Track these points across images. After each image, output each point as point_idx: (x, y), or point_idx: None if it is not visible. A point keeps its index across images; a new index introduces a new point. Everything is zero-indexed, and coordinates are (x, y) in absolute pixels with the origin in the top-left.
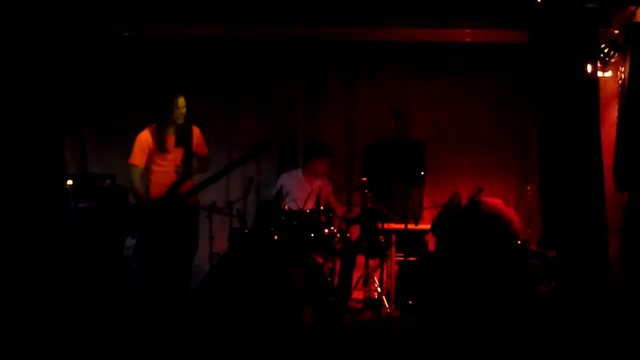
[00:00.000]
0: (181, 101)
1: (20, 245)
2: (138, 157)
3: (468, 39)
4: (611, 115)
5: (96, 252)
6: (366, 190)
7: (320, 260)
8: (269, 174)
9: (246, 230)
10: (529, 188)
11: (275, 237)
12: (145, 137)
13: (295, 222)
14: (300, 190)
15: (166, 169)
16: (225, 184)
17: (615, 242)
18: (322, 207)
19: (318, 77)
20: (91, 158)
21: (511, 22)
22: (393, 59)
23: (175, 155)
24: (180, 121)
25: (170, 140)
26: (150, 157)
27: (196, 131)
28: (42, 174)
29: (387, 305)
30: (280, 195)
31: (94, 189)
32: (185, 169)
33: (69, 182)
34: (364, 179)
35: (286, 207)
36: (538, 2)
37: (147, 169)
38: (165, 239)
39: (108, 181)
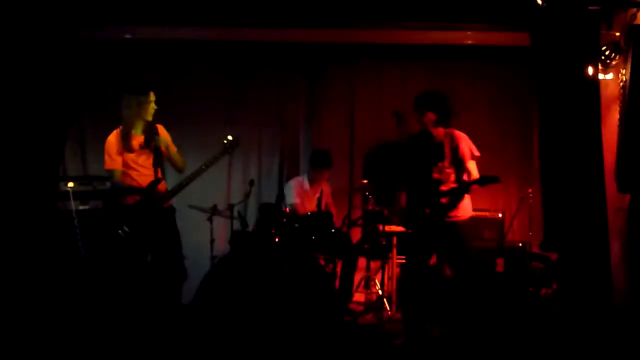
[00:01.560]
0: (146, 97)
1: (21, 248)
2: (112, 160)
3: (469, 42)
4: (612, 118)
5: (97, 254)
6: (367, 193)
7: (321, 262)
8: (270, 176)
9: (247, 233)
10: (530, 190)
11: (277, 239)
12: (113, 140)
13: (296, 224)
14: (308, 202)
15: (139, 172)
16: (226, 187)
17: (617, 245)
18: (323, 210)
19: (319, 79)
20: (91, 160)
21: (512, 24)
22: (394, 61)
23: (146, 157)
24: (149, 118)
25: (137, 140)
26: (123, 161)
27: (161, 129)
28: (43, 176)
29: (388, 308)
30: (282, 198)
31: (94, 191)
32: (157, 169)
33: (70, 184)
34: (365, 181)
35: (287, 209)
36: (539, 4)
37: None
38: (145, 242)
39: (109, 183)
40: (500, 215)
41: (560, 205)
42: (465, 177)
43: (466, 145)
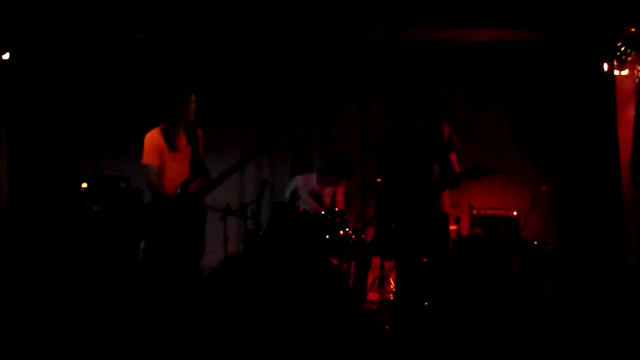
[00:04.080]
0: (192, 97)
1: (36, 248)
2: (151, 156)
3: (482, 39)
4: (628, 114)
5: (111, 254)
6: (381, 191)
7: (335, 261)
8: (283, 175)
9: (261, 232)
10: (544, 188)
11: (290, 239)
12: (155, 136)
13: (309, 224)
14: (314, 199)
15: (176, 169)
16: (239, 186)
17: (634, 242)
18: (336, 209)
19: (332, 78)
20: (106, 161)
21: (527, 21)
22: (408, 57)
23: (184, 155)
24: (192, 118)
25: (182, 138)
26: (161, 156)
27: (200, 132)
28: (58, 177)
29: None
30: (296, 197)
31: (108, 191)
32: (193, 169)
33: (84, 185)
34: (379, 179)
35: (300, 208)
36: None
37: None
38: (174, 240)
39: (122, 184)
40: (515, 213)
41: (575, 202)
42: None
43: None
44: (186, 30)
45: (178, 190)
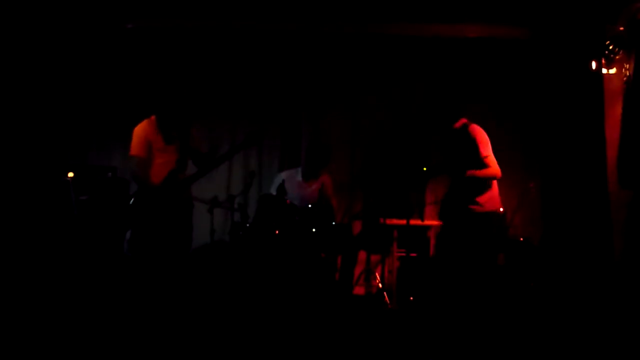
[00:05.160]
0: (183, 91)
1: (20, 238)
2: (139, 148)
3: (471, 35)
4: (615, 112)
5: (96, 245)
6: (369, 185)
7: (322, 255)
8: (271, 167)
9: (247, 224)
10: (532, 185)
11: (277, 232)
12: (144, 128)
13: (296, 217)
14: (300, 193)
15: (164, 162)
16: (226, 178)
17: (619, 240)
18: (323, 202)
19: (322, 70)
20: (92, 150)
21: (516, 18)
22: (398, 52)
23: (173, 148)
24: (182, 111)
25: (172, 131)
26: (149, 148)
27: (194, 132)
28: (43, 166)
29: (388, 301)
30: (283, 190)
31: (95, 181)
32: (181, 162)
33: (70, 174)
34: (367, 174)
35: (287, 201)
36: None
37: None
38: (159, 230)
39: (109, 174)
40: (502, 209)
41: (561, 200)
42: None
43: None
44: (178, 20)
45: (164, 182)
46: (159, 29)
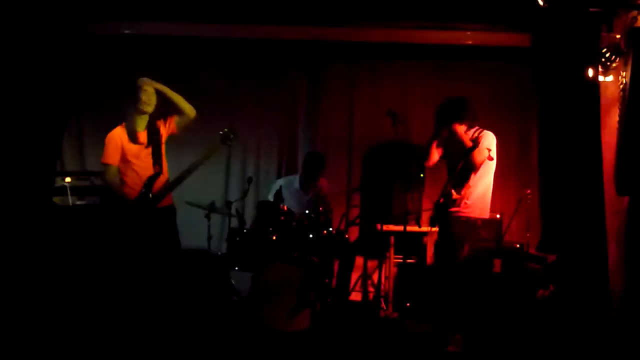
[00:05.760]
0: (148, 89)
1: (17, 243)
2: (111, 156)
3: (470, 42)
4: (612, 120)
5: (94, 249)
6: (366, 192)
7: (316, 261)
8: (268, 173)
9: (245, 230)
10: (528, 191)
11: (274, 238)
12: (116, 134)
13: (294, 223)
14: (297, 201)
15: (139, 168)
16: (224, 184)
17: (615, 247)
18: (320, 208)
19: (319, 78)
20: (90, 155)
21: (513, 25)
22: (393, 60)
23: (147, 153)
24: (150, 109)
25: (141, 134)
26: (123, 156)
27: (160, 122)
28: (41, 171)
29: (384, 307)
30: (280, 196)
31: (92, 186)
32: (158, 165)
33: (68, 179)
34: (365, 181)
35: (285, 207)
36: (541, 4)
37: (120, 170)
38: (144, 240)
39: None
40: (498, 216)
41: (558, 207)
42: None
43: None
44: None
45: (143, 190)
46: (155, 33)
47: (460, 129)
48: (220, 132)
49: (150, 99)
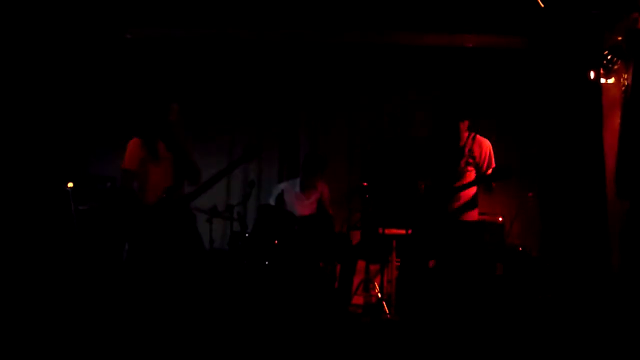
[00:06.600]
0: (174, 108)
1: (20, 247)
2: (131, 162)
3: (469, 44)
4: (614, 122)
5: (96, 254)
6: (367, 195)
7: (320, 264)
8: (270, 177)
9: (246, 234)
10: (530, 194)
11: (276, 242)
12: (138, 144)
13: (295, 227)
14: (299, 205)
15: (159, 176)
16: (225, 188)
17: (617, 250)
18: (322, 212)
19: (319, 80)
20: (92, 160)
21: (514, 28)
22: (394, 62)
23: (167, 162)
24: (173, 129)
25: (162, 146)
26: (142, 163)
27: (182, 132)
28: (43, 176)
29: (387, 311)
30: (282, 200)
31: (94, 191)
32: (177, 175)
33: (70, 184)
34: (365, 183)
35: (286, 211)
36: (542, 7)
37: (140, 177)
38: (162, 246)
39: (109, 183)
40: (500, 219)
41: (559, 210)
42: None
43: (486, 154)
44: (177, 30)
45: (163, 196)
46: (158, 38)
47: (463, 126)
48: (247, 147)
49: (176, 116)
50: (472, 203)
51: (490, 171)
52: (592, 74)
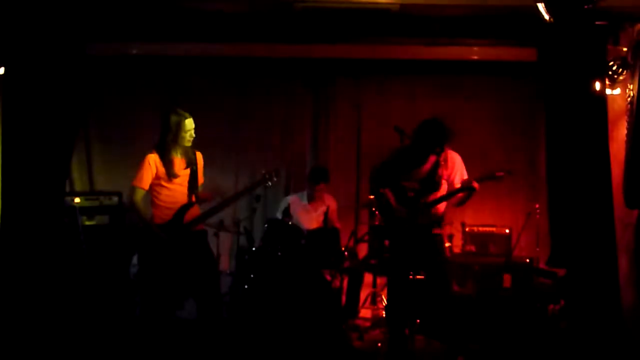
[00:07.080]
0: (190, 122)
1: (27, 263)
2: (144, 179)
3: (475, 57)
4: (620, 133)
5: (103, 269)
6: (374, 208)
7: (328, 278)
8: (276, 192)
9: (253, 249)
10: (537, 205)
11: (283, 255)
12: (154, 160)
13: (302, 240)
14: (306, 218)
15: (173, 192)
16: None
17: (625, 261)
18: (329, 226)
19: (326, 95)
20: (98, 176)
21: (519, 40)
22: (400, 76)
23: (182, 179)
24: (189, 144)
25: (179, 163)
26: (156, 180)
27: (199, 156)
28: (50, 192)
29: None
30: (288, 213)
31: (101, 206)
32: (191, 193)
33: (77, 200)
34: (372, 197)
35: (293, 224)
36: (547, 20)
37: (153, 191)
38: (173, 265)
39: (115, 199)
40: (507, 230)
41: (567, 220)
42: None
43: (457, 169)
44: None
45: (173, 219)
46: (163, 56)
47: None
48: (263, 172)
49: (192, 134)
50: (442, 216)
51: (459, 185)
52: (597, 85)
